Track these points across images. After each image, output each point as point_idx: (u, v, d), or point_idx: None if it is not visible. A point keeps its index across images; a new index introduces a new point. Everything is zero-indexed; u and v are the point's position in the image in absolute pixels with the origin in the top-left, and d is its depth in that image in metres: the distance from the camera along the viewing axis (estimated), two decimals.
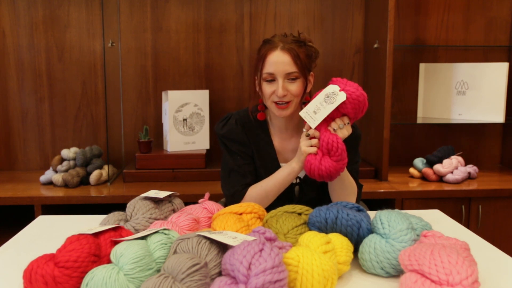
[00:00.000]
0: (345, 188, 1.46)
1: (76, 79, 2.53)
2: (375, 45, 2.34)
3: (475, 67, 2.44)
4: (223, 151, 1.58)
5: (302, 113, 1.32)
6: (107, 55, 2.27)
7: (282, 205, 1.22)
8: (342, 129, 1.32)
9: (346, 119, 1.33)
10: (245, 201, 1.48)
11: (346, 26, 2.58)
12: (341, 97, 1.28)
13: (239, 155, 1.54)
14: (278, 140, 1.57)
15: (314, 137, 1.35)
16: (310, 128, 1.35)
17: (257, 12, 2.54)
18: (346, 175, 1.45)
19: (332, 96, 1.30)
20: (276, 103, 1.45)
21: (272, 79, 1.44)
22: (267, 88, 1.45)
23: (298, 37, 1.50)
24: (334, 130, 1.32)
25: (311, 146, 1.35)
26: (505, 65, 2.38)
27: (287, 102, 1.44)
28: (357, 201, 1.54)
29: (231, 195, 1.51)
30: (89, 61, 2.52)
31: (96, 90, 2.54)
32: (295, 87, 1.44)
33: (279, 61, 1.43)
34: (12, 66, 2.50)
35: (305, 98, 1.54)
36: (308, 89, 1.51)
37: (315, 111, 1.30)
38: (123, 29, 2.50)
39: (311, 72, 1.52)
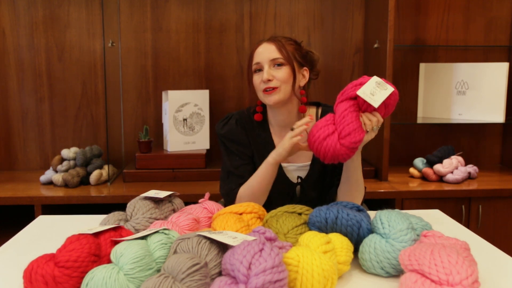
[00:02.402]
0: (355, 189, 1.45)
1: (76, 79, 2.53)
2: (375, 45, 2.34)
3: (475, 67, 2.44)
4: (222, 152, 1.59)
5: (360, 92, 1.26)
6: (107, 55, 2.27)
7: (283, 204, 1.22)
8: (375, 131, 1.31)
9: (380, 121, 1.30)
10: (238, 199, 1.49)
11: (346, 26, 2.58)
12: (391, 88, 1.28)
13: (237, 155, 1.54)
14: (278, 140, 1.57)
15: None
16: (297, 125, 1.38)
17: (257, 12, 2.54)
18: (360, 175, 1.44)
19: (382, 84, 1.28)
20: (265, 90, 1.46)
21: (259, 68, 1.47)
22: (256, 79, 1.48)
23: (292, 38, 1.53)
24: (367, 131, 1.29)
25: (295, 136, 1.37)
26: (505, 65, 2.37)
27: (273, 88, 1.45)
28: (361, 203, 1.54)
29: (226, 194, 1.52)
30: (89, 61, 2.52)
31: (96, 90, 2.54)
32: (280, 73, 1.45)
33: (264, 50, 1.47)
34: (12, 66, 2.50)
35: (301, 92, 1.53)
36: (302, 83, 1.52)
37: (372, 94, 1.27)
38: (123, 29, 2.50)
39: (304, 67, 1.52)
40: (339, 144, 1.25)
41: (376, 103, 1.26)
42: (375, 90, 1.27)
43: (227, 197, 1.52)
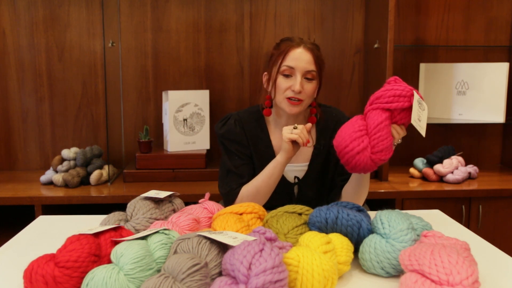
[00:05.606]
0: (363, 189, 1.45)
1: (76, 79, 2.53)
2: (376, 45, 2.34)
3: (475, 67, 2.44)
4: (221, 151, 1.59)
5: (413, 122, 1.22)
6: (107, 55, 2.27)
7: (282, 204, 1.22)
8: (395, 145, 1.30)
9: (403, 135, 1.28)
10: (239, 199, 1.49)
11: (346, 26, 2.58)
12: (425, 105, 1.25)
13: (237, 155, 1.54)
14: (277, 141, 1.57)
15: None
16: (298, 124, 1.41)
17: (257, 12, 2.54)
18: (368, 176, 1.44)
19: (421, 102, 1.24)
20: (289, 98, 1.45)
21: (290, 74, 1.44)
22: (283, 82, 1.45)
23: (314, 42, 1.52)
24: (394, 144, 1.28)
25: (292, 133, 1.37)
26: (505, 65, 2.37)
27: (300, 100, 1.45)
28: (363, 204, 1.54)
29: (226, 194, 1.52)
30: (89, 61, 2.52)
31: (96, 90, 2.54)
32: (310, 87, 1.45)
33: (301, 57, 1.44)
34: (12, 66, 2.50)
35: (312, 104, 1.54)
36: (318, 94, 1.53)
37: (419, 119, 1.24)
38: (123, 29, 2.50)
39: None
40: (370, 159, 1.21)
41: (423, 131, 1.23)
42: (420, 113, 1.23)
43: (227, 197, 1.52)
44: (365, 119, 1.25)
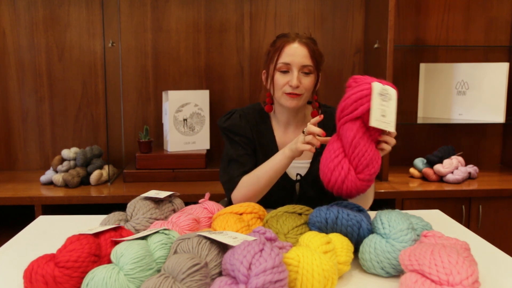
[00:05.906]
0: (370, 195, 1.45)
1: (76, 79, 2.53)
2: (376, 45, 2.34)
3: (475, 67, 2.44)
4: (224, 142, 1.58)
5: (373, 123, 1.09)
6: (107, 55, 2.27)
7: (283, 202, 1.22)
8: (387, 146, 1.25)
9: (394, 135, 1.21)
10: (238, 187, 1.47)
11: (346, 26, 2.58)
12: (393, 91, 1.12)
13: (240, 145, 1.54)
14: (280, 136, 1.58)
15: (310, 133, 1.31)
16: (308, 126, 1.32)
17: (257, 12, 2.54)
18: (372, 188, 1.42)
19: (384, 93, 1.11)
20: (287, 93, 1.45)
21: (286, 69, 1.45)
22: (280, 79, 1.46)
23: (311, 37, 1.53)
24: (382, 149, 1.21)
25: (306, 143, 1.31)
26: (505, 65, 2.37)
27: (298, 95, 1.45)
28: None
29: (227, 181, 1.50)
30: (89, 61, 2.52)
31: (96, 90, 2.54)
32: (308, 80, 1.46)
33: (296, 52, 1.45)
34: (12, 66, 2.50)
35: (314, 97, 1.55)
36: (316, 88, 1.53)
37: (383, 115, 1.10)
38: (123, 29, 2.50)
39: (319, 71, 1.53)
40: (359, 180, 1.11)
41: (392, 127, 1.11)
42: (383, 107, 1.10)
43: (228, 185, 1.50)
44: (339, 138, 1.16)
